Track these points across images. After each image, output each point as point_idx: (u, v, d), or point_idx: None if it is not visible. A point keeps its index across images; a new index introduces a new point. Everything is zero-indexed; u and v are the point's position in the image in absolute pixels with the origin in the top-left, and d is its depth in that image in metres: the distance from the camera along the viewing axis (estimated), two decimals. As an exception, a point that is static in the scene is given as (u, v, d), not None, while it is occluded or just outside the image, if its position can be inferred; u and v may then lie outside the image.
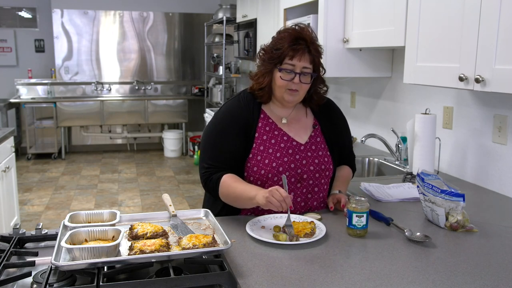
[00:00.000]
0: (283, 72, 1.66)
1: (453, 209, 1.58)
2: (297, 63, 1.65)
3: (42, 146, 7.07)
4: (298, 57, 1.64)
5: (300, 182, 1.72)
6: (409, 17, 2.04)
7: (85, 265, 1.17)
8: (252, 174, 1.69)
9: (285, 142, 1.73)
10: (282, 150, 1.71)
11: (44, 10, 7.19)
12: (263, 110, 1.76)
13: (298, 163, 1.71)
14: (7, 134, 3.61)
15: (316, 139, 1.78)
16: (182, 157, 7.20)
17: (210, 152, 1.73)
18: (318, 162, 1.74)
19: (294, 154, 1.72)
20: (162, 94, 7.61)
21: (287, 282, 1.21)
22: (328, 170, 1.77)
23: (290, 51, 1.64)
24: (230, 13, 5.83)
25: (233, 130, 1.71)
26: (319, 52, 1.70)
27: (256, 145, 1.70)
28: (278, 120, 1.76)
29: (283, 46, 1.65)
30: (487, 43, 1.60)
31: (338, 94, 3.65)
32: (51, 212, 4.65)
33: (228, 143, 1.70)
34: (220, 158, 1.70)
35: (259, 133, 1.72)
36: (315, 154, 1.75)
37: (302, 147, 1.74)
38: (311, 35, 1.68)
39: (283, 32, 1.69)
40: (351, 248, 1.45)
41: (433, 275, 1.25)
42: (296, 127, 1.77)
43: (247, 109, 1.74)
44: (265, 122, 1.74)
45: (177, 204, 4.90)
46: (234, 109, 1.76)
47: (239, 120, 1.72)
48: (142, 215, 1.58)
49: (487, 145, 2.15)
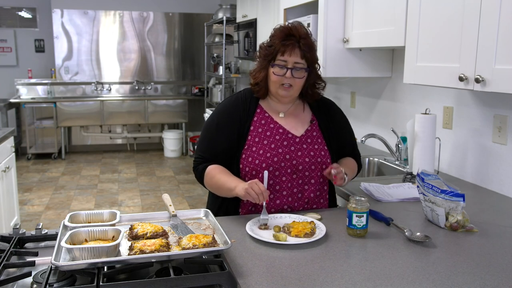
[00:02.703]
0: (275, 68, 1.72)
1: (453, 209, 1.58)
2: (288, 58, 1.70)
3: (42, 146, 7.08)
4: (288, 52, 1.70)
5: (295, 173, 1.75)
6: (409, 17, 2.04)
7: (85, 265, 1.17)
8: (247, 165, 1.74)
9: (280, 134, 1.78)
10: (277, 142, 1.76)
11: (44, 10, 7.19)
12: (260, 105, 1.83)
13: (293, 154, 1.75)
14: (7, 134, 3.61)
15: (313, 133, 1.82)
16: (182, 157, 7.20)
17: (204, 144, 1.82)
18: (314, 154, 1.77)
19: (289, 145, 1.76)
20: (162, 94, 7.61)
21: (287, 282, 1.21)
22: (324, 164, 1.78)
23: (281, 47, 1.70)
24: (230, 13, 5.83)
25: (228, 125, 1.78)
26: (310, 47, 1.73)
27: (251, 137, 1.76)
28: (275, 114, 1.82)
29: (275, 43, 1.72)
30: (487, 43, 1.60)
31: (338, 94, 3.65)
32: (51, 212, 4.65)
33: (222, 137, 1.77)
34: (212, 150, 1.78)
35: (254, 126, 1.78)
36: (311, 147, 1.79)
37: (297, 139, 1.78)
38: (302, 31, 1.72)
39: (276, 30, 1.75)
40: (351, 248, 1.45)
41: (433, 275, 1.25)
42: (293, 121, 1.82)
43: (244, 104, 1.81)
44: (261, 116, 1.80)
45: (177, 204, 4.90)
46: (231, 104, 1.83)
47: (235, 115, 1.78)
48: (142, 215, 1.59)
49: (487, 145, 2.15)
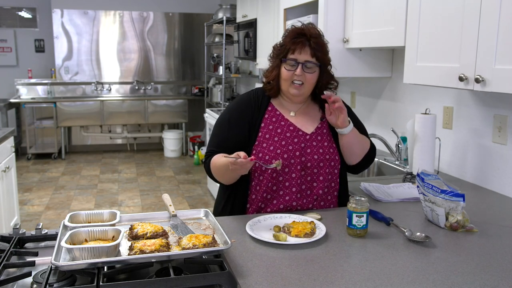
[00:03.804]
0: (287, 64, 1.75)
1: (453, 209, 1.58)
2: (299, 56, 1.73)
3: (42, 146, 7.08)
4: (298, 50, 1.73)
5: (304, 170, 1.77)
6: (409, 17, 2.04)
7: (85, 265, 1.17)
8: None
9: (291, 131, 1.80)
10: (288, 139, 1.78)
11: (44, 10, 7.19)
12: (271, 103, 1.86)
13: (303, 151, 1.78)
14: (7, 134, 3.61)
15: (323, 131, 1.84)
16: (182, 157, 7.20)
17: (215, 139, 1.85)
18: (323, 151, 1.80)
19: (299, 143, 1.78)
20: (162, 94, 7.61)
21: (287, 282, 1.21)
22: (333, 161, 1.80)
23: (291, 45, 1.74)
24: (230, 13, 5.83)
25: (239, 121, 1.81)
26: (321, 46, 1.76)
27: (262, 133, 1.79)
28: (286, 112, 1.85)
29: (286, 42, 1.77)
30: (487, 43, 1.60)
31: (338, 94, 3.64)
32: (51, 212, 4.65)
33: (232, 133, 1.80)
34: (222, 145, 1.80)
35: (265, 123, 1.81)
36: (320, 144, 1.81)
37: (307, 136, 1.81)
38: (313, 31, 1.76)
39: (288, 30, 1.80)
40: (351, 248, 1.45)
41: (433, 275, 1.25)
42: (303, 120, 1.85)
43: (256, 102, 1.84)
44: (272, 114, 1.83)
45: (177, 204, 4.90)
46: (243, 101, 1.86)
47: (246, 112, 1.82)
48: (142, 215, 1.59)
49: (487, 145, 2.15)
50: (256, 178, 1.78)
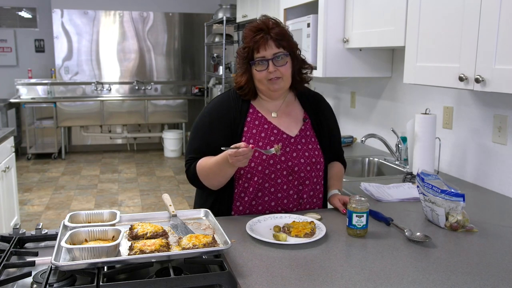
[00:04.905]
0: (257, 65, 1.69)
1: (453, 209, 1.58)
2: (265, 52, 1.67)
3: (42, 146, 7.08)
4: (263, 47, 1.66)
5: (291, 175, 1.73)
6: (409, 17, 2.04)
7: (85, 265, 1.17)
8: (241, 168, 1.70)
9: (275, 135, 1.75)
10: (272, 143, 1.73)
11: (44, 10, 7.19)
12: (252, 105, 1.79)
13: (288, 155, 1.73)
14: (7, 134, 3.61)
15: (306, 133, 1.79)
16: (182, 157, 7.20)
17: (196, 144, 1.77)
18: (308, 155, 1.76)
19: (284, 147, 1.74)
20: (162, 94, 7.61)
21: (287, 282, 1.21)
22: (319, 164, 1.78)
23: (253, 43, 1.67)
24: (230, 13, 5.83)
25: (219, 125, 1.74)
26: (283, 34, 1.69)
27: (245, 138, 1.72)
28: (268, 114, 1.79)
29: (247, 42, 1.70)
30: (487, 43, 1.60)
31: (338, 94, 3.65)
32: (51, 212, 4.65)
33: (213, 138, 1.72)
34: (204, 151, 1.72)
35: (248, 127, 1.74)
36: (305, 147, 1.77)
37: (292, 139, 1.76)
38: (269, 22, 1.69)
39: (245, 30, 1.73)
40: (351, 248, 1.45)
41: (433, 275, 1.25)
42: (286, 121, 1.79)
43: (235, 104, 1.77)
44: (254, 116, 1.77)
45: (177, 204, 4.90)
46: (222, 104, 1.78)
47: (226, 116, 1.74)
48: (142, 215, 1.58)
49: (487, 145, 2.15)
50: (240, 186, 1.73)
